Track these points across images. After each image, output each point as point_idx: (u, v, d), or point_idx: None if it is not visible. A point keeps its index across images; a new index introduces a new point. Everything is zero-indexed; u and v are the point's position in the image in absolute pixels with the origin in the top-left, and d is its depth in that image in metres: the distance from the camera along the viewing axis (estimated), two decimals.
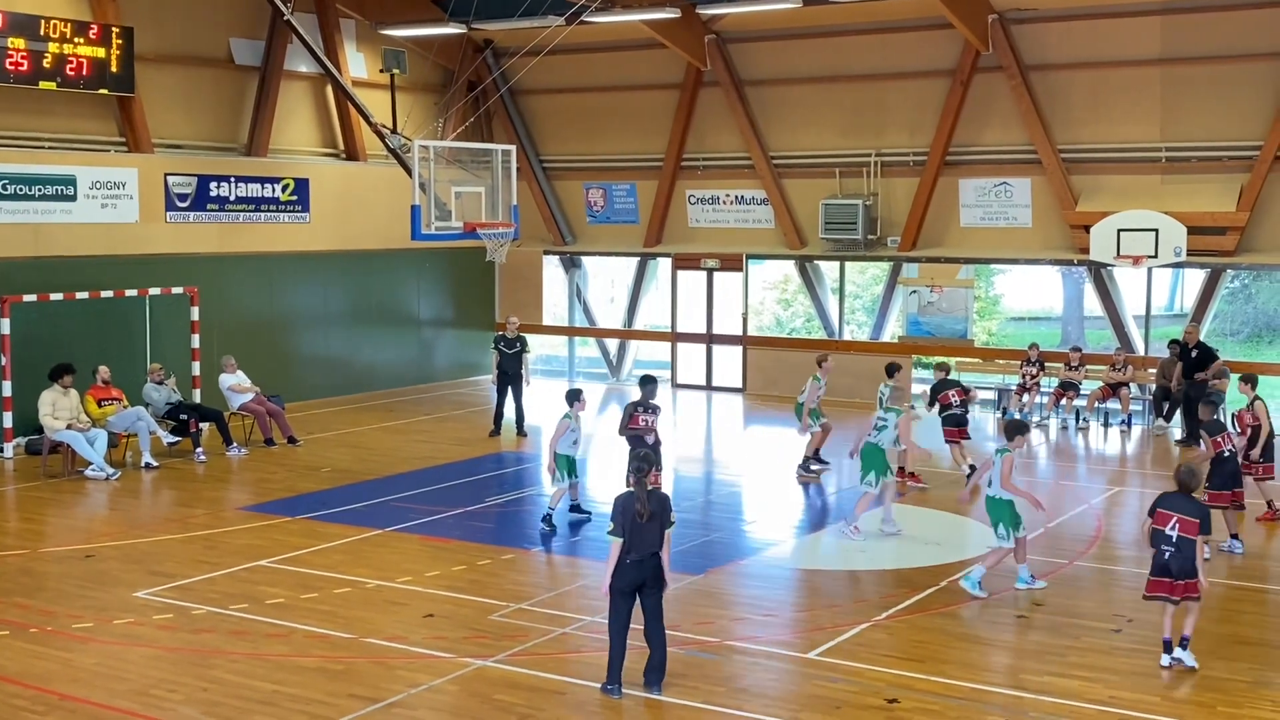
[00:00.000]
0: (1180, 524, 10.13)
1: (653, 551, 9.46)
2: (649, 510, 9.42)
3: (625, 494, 9.62)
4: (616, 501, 9.58)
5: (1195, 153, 21.38)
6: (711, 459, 19.87)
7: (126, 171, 20.77)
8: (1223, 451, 13.63)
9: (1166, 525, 10.21)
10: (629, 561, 9.44)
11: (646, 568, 9.46)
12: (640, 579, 9.47)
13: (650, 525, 9.43)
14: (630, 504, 9.47)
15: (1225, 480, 13.55)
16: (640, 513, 9.40)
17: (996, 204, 23.10)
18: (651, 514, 9.43)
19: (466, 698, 9.53)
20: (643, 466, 9.62)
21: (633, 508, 9.44)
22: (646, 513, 9.41)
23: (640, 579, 9.47)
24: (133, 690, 9.62)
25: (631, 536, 9.41)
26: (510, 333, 20.71)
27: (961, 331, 23.80)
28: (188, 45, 22.20)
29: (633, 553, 9.42)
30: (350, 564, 13.06)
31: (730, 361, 25.90)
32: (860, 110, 23.87)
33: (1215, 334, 24.77)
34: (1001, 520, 12.12)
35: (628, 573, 9.46)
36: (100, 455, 17.27)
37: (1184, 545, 10.10)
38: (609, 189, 26.94)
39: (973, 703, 9.40)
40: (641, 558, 9.43)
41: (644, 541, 9.43)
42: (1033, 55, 22.12)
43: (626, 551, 9.42)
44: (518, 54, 23.52)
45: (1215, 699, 9.51)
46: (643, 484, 9.54)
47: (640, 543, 9.42)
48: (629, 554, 9.42)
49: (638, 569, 9.45)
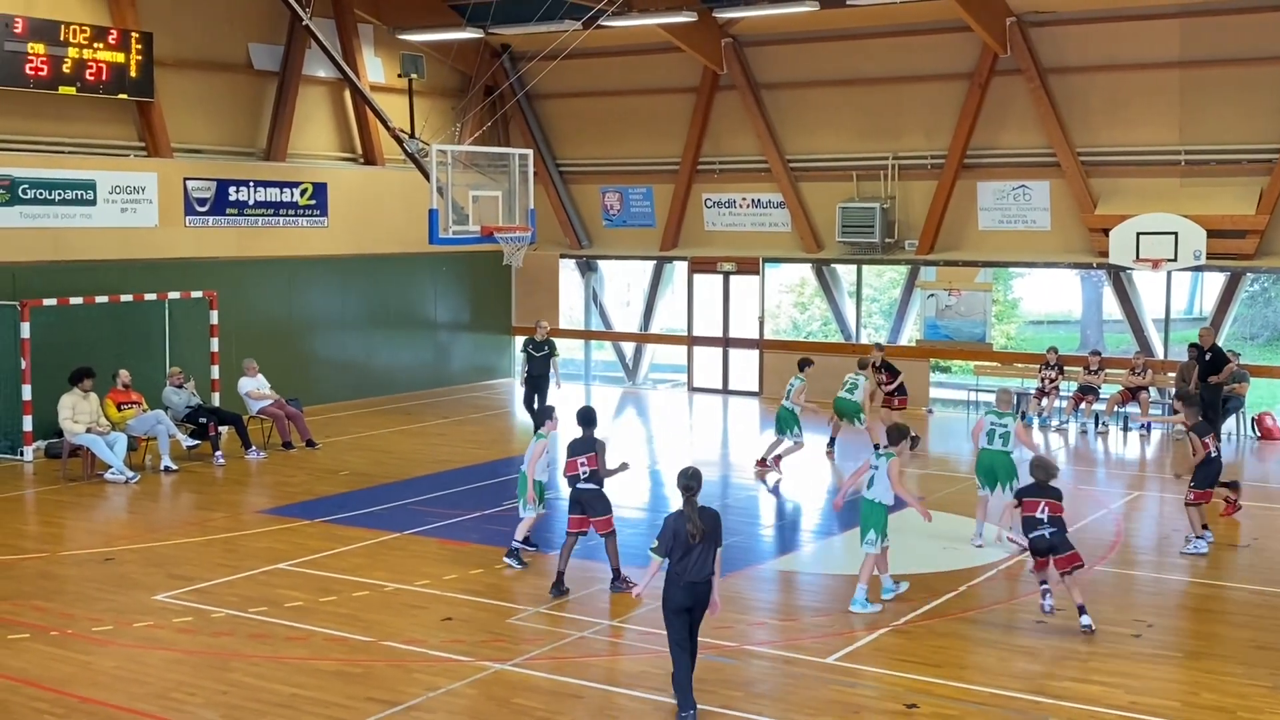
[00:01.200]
0: (1049, 507, 11.07)
1: (708, 574, 9.09)
2: (701, 529, 9.05)
3: (675, 513, 9.22)
4: (666, 521, 9.22)
5: (1214, 156, 21.29)
6: (728, 463, 19.85)
7: (146, 176, 20.86)
8: (1210, 453, 13.81)
9: (1036, 511, 11.11)
10: (682, 584, 9.06)
11: (701, 590, 9.10)
12: (693, 599, 9.11)
13: (704, 545, 9.06)
14: (681, 525, 9.09)
15: (1208, 480, 13.90)
16: (692, 534, 9.03)
17: (1015, 207, 23.04)
18: (704, 533, 9.06)
19: (484, 701, 9.54)
20: (691, 485, 9.24)
21: (684, 529, 9.06)
22: (699, 532, 9.04)
23: (693, 599, 9.11)
24: (152, 693, 9.65)
25: (684, 558, 9.05)
26: (539, 336, 20.95)
27: (980, 335, 23.74)
28: (207, 50, 22.29)
29: (686, 575, 9.04)
30: (369, 567, 13.08)
31: (747, 365, 25.87)
32: (877, 113, 23.83)
33: (1234, 337, 24.65)
34: (874, 526, 11.72)
35: (681, 595, 9.08)
36: (120, 459, 17.33)
37: (1057, 523, 11.07)
38: (625, 192, 26.96)
39: (992, 708, 9.37)
40: (696, 580, 9.06)
41: (698, 563, 9.06)
42: (1051, 58, 22.06)
43: (679, 573, 9.05)
44: (535, 58, 23.57)
45: (1236, 704, 9.47)
46: (693, 503, 9.15)
47: (694, 565, 9.05)
48: (681, 576, 9.05)
49: (691, 591, 9.07)
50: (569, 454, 12.15)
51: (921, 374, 23.90)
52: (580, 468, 12.01)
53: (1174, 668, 10.26)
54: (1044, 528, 11.07)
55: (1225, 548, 14.18)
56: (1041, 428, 21.81)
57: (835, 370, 24.31)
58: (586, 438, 12.08)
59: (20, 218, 19.21)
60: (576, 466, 12.03)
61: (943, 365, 26.39)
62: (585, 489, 12.07)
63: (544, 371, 20.68)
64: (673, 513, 9.26)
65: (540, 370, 20.70)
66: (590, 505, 12.11)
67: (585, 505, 12.12)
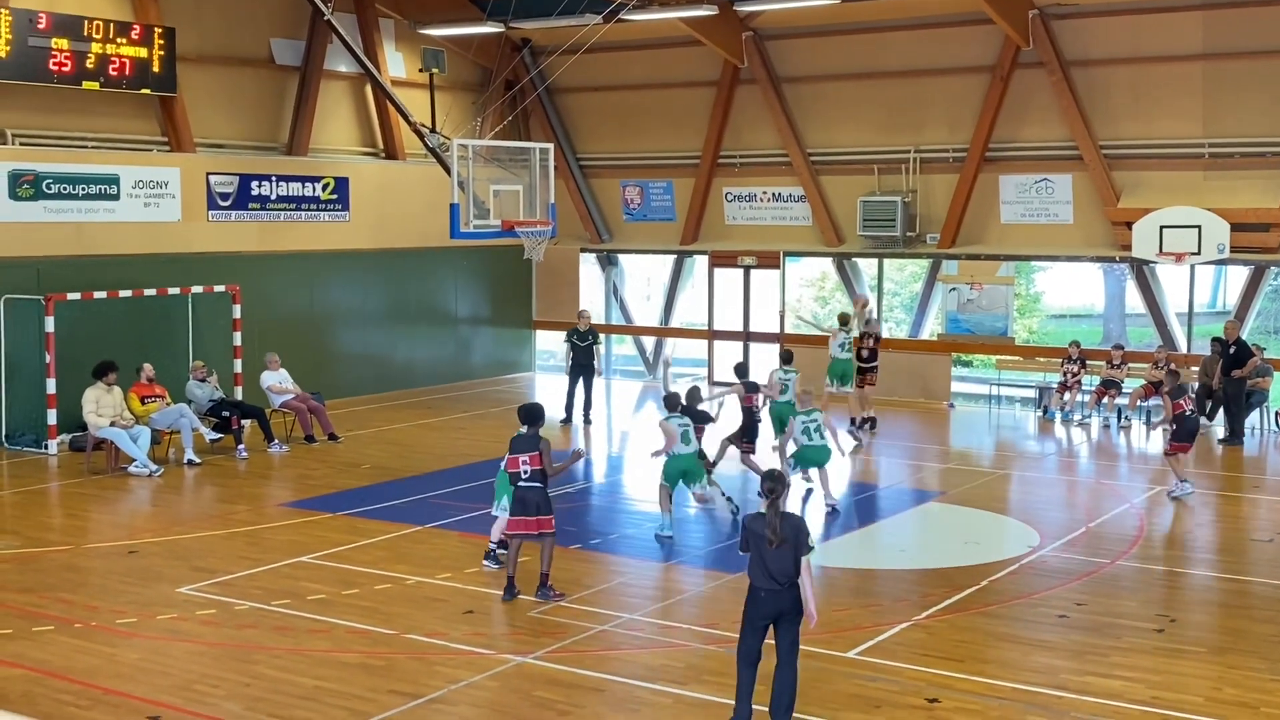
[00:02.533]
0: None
1: (790, 581, 8.61)
2: (780, 537, 8.56)
3: (754, 515, 8.81)
4: (744, 521, 8.88)
5: (1238, 149, 21.15)
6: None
7: (169, 171, 20.95)
8: (1184, 411, 15.89)
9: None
10: (762, 594, 8.63)
11: (784, 598, 8.61)
12: (777, 610, 8.64)
13: (783, 552, 8.59)
14: (759, 528, 8.65)
15: (1184, 435, 15.92)
16: (770, 539, 8.56)
17: (1037, 200, 22.94)
18: (783, 540, 8.58)
19: (506, 694, 9.57)
20: (775, 488, 8.72)
21: (762, 533, 8.62)
22: (777, 539, 8.55)
23: (777, 610, 8.64)
24: (176, 685, 9.71)
25: (763, 564, 8.61)
26: (583, 326, 21.73)
27: (1002, 329, 23.65)
28: (229, 45, 22.37)
29: (766, 583, 8.61)
30: (390, 560, 13.13)
31: (767, 359, 25.78)
32: (899, 107, 23.75)
33: (1259, 331, 24.48)
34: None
35: (762, 605, 8.65)
36: (143, 452, 17.43)
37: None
38: (646, 186, 26.95)
39: (1013, 702, 9.35)
40: (776, 588, 8.59)
41: (777, 570, 8.58)
42: (1073, 50, 21.95)
43: (757, 581, 8.66)
44: (555, 52, 23.57)
45: (1260, 699, 9.42)
46: (775, 507, 8.67)
47: (772, 572, 8.58)
48: (760, 586, 8.64)
49: (774, 600, 8.60)
50: (511, 450, 11.72)
51: (943, 368, 23.84)
52: (522, 465, 11.59)
53: (1197, 663, 10.22)
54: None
55: (1248, 542, 14.13)
56: (1064, 422, 21.74)
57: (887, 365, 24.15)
58: (530, 435, 11.63)
59: (44, 212, 19.32)
60: (518, 464, 11.59)
61: (964, 359, 26.29)
62: (528, 487, 11.64)
63: (589, 361, 21.42)
64: (751, 514, 8.90)
65: (586, 360, 21.47)
66: (536, 505, 11.65)
67: (527, 504, 11.62)
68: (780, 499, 8.71)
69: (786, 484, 8.88)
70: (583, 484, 17.31)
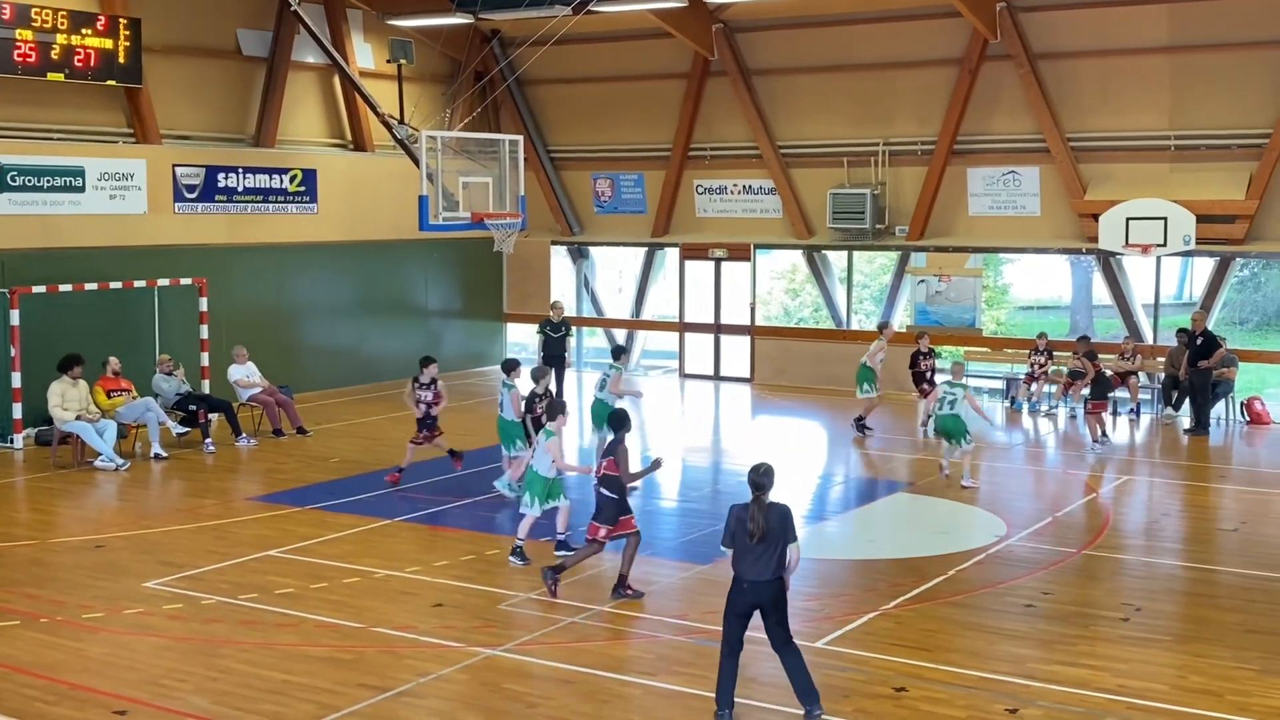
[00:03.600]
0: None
1: (772, 576, 8.60)
2: (762, 529, 8.52)
3: (740, 506, 8.74)
4: (731, 511, 8.78)
5: (1204, 141, 21.31)
6: (719, 449, 19.88)
7: (134, 163, 20.79)
8: (1101, 371, 18.73)
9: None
10: (745, 585, 8.61)
11: (764, 591, 8.59)
12: (757, 603, 8.63)
13: (765, 546, 8.54)
14: (743, 520, 8.62)
15: (1101, 394, 18.52)
16: (752, 532, 8.51)
17: (1005, 193, 23.05)
18: (766, 533, 8.53)
19: (476, 687, 9.56)
20: (762, 483, 8.67)
21: (745, 525, 8.59)
22: (760, 532, 8.51)
23: (757, 603, 8.63)
24: (143, 680, 9.66)
25: (743, 557, 8.59)
26: (555, 317, 21.68)
27: (970, 320, 23.76)
28: (195, 36, 22.21)
29: (746, 574, 8.58)
30: (359, 554, 13.09)
31: (738, 351, 25.88)
32: (868, 99, 23.82)
33: (1224, 322, 24.70)
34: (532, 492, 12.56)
35: (745, 595, 8.62)
36: (110, 446, 17.32)
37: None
38: (616, 179, 26.93)
39: (981, 691, 9.41)
40: (757, 581, 8.58)
41: (759, 564, 8.57)
42: (1041, 43, 22.05)
43: (739, 573, 8.63)
44: (525, 44, 23.44)
45: (1225, 687, 9.51)
46: (760, 502, 8.63)
47: (754, 565, 8.57)
48: (743, 577, 8.60)
49: (755, 592, 8.59)
50: (600, 455, 12.14)
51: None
52: (600, 470, 11.75)
53: (1162, 651, 10.31)
54: None
55: (1214, 531, 14.26)
56: (1031, 413, 21.87)
57: (830, 356, 24.42)
58: (613, 441, 11.70)
59: (8, 205, 19.14)
60: (601, 468, 11.75)
61: (935, 351, 26.34)
62: (597, 492, 11.81)
63: (560, 352, 21.45)
64: (738, 504, 8.84)
65: (557, 351, 21.49)
66: (600, 509, 11.78)
67: (598, 510, 11.81)
68: (766, 494, 8.65)
69: (772, 478, 8.78)
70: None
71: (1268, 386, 25.41)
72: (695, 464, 18.28)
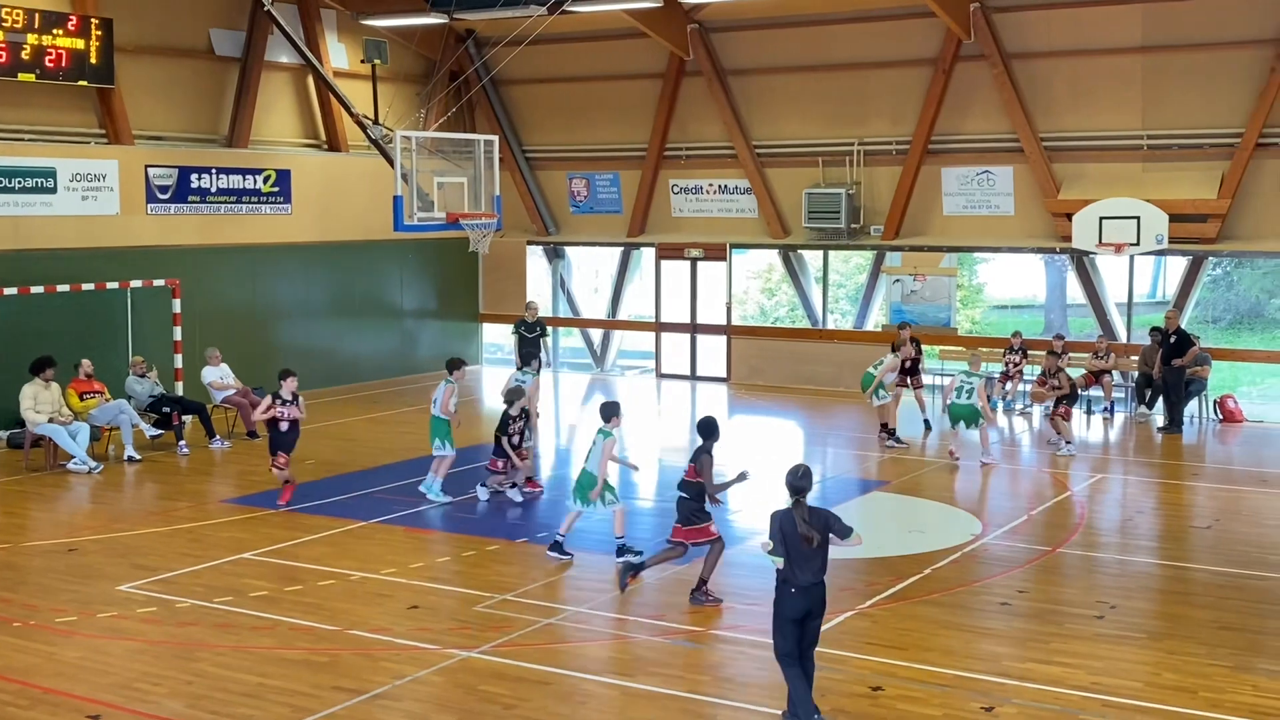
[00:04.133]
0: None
1: (820, 579, 8.53)
2: (815, 535, 8.46)
3: (783, 511, 8.60)
4: (774, 518, 8.63)
5: (1176, 140, 21.44)
6: None
7: (107, 164, 20.67)
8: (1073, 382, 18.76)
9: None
10: (793, 591, 8.51)
11: (814, 595, 8.54)
12: (808, 607, 8.56)
13: (816, 550, 8.49)
14: (790, 526, 8.49)
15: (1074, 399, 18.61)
16: (807, 538, 8.45)
17: (979, 192, 23.14)
18: (818, 538, 8.48)
19: (451, 689, 9.53)
20: (802, 485, 8.56)
21: (793, 531, 8.47)
22: (815, 538, 8.46)
23: (808, 607, 8.56)
24: (117, 684, 9.60)
25: (795, 562, 8.47)
26: (530, 317, 21.45)
27: (945, 320, 23.84)
28: (167, 36, 22.09)
29: (798, 579, 8.48)
30: (335, 556, 13.04)
31: (714, 351, 25.91)
32: (843, 99, 23.87)
33: (1197, 321, 24.88)
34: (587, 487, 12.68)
35: (795, 601, 8.53)
36: (83, 449, 17.21)
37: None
38: (592, 179, 26.91)
39: (956, 690, 9.44)
40: (807, 584, 8.50)
41: (810, 568, 8.49)
42: (1014, 44, 22.15)
43: (790, 578, 8.50)
44: (500, 44, 23.46)
45: (1198, 684, 9.57)
46: (802, 505, 8.53)
47: (806, 570, 8.47)
48: (793, 581, 8.49)
49: (805, 596, 8.51)
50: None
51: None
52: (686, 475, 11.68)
53: (1136, 648, 10.36)
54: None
55: (1187, 529, 14.34)
56: (1006, 411, 21.95)
57: (806, 355, 24.46)
58: (701, 447, 11.65)
59: None
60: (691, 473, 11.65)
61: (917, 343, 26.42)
62: (678, 498, 11.78)
63: (536, 352, 21.09)
64: (779, 510, 8.68)
65: (533, 351, 21.12)
66: (681, 514, 11.74)
67: (678, 513, 11.76)
68: (804, 497, 8.54)
69: (810, 479, 8.65)
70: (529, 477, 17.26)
71: (1240, 385, 25.63)
72: (672, 464, 18.26)
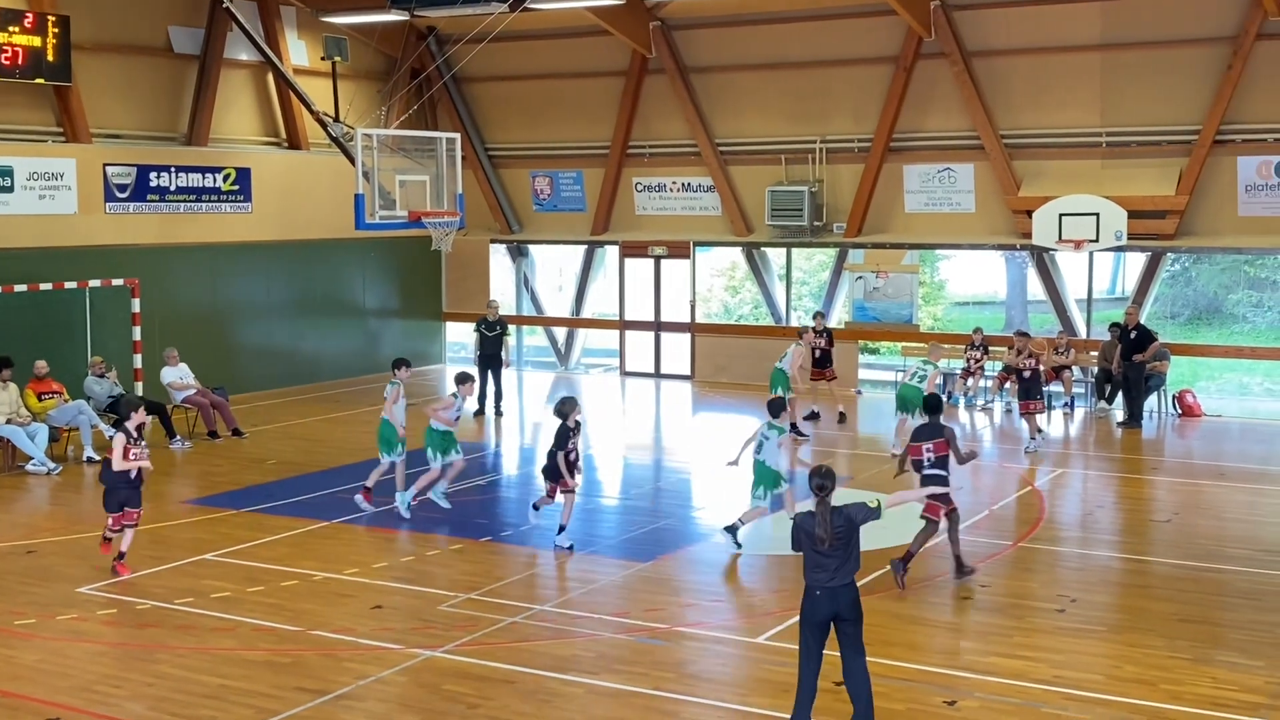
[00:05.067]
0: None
1: (847, 581, 8.30)
2: (831, 535, 8.23)
3: (805, 513, 8.49)
4: (795, 522, 8.53)
5: (1135, 137, 21.62)
6: (660, 446, 19.90)
7: (64, 162, 20.47)
8: (1023, 373, 18.29)
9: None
10: (818, 593, 8.27)
11: (841, 598, 8.27)
12: (834, 610, 8.29)
13: (837, 551, 8.26)
14: (810, 528, 8.31)
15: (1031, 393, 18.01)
16: (821, 538, 8.23)
17: (940, 190, 23.26)
18: (836, 538, 8.24)
19: (415, 688, 9.50)
20: (825, 484, 8.40)
21: (813, 531, 8.29)
22: (829, 539, 8.22)
23: (834, 610, 8.29)
24: (77, 686, 9.51)
25: (816, 563, 8.28)
26: (491, 316, 21.60)
27: (907, 316, 23.96)
28: (125, 34, 21.89)
29: (823, 581, 8.26)
30: (297, 556, 12.96)
31: (678, 349, 25.93)
32: (805, 97, 23.94)
33: (1156, 316, 25.10)
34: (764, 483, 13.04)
35: (818, 605, 8.27)
36: (41, 450, 17.05)
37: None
38: (555, 177, 26.87)
39: (918, 684, 9.48)
40: (832, 587, 8.25)
41: (831, 570, 8.27)
42: (975, 41, 22.27)
43: (814, 581, 8.30)
44: (461, 41, 23.33)
45: (1158, 676, 9.65)
46: (825, 504, 8.35)
47: (826, 572, 8.27)
48: (817, 584, 8.28)
49: (830, 600, 8.26)
50: (912, 439, 12.07)
51: (850, 355, 24.11)
52: (925, 453, 11.81)
53: (1097, 641, 10.44)
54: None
55: (1147, 523, 14.46)
56: (968, 407, 22.09)
57: (770, 352, 24.46)
58: (933, 424, 11.89)
59: None
60: (921, 452, 11.84)
61: (871, 347, 26.62)
62: (932, 475, 11.83)
63: (497, 351, 21.46)
64: (802, 513, 8.62)
65: (494, 350, 21.48)
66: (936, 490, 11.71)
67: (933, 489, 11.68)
68: (829, 495, 8.39)
69: (835, 480, 8.54)
70: (493, 476, 17.25)
71: (1199, 379, 25.87)
72: (636, 461, 18.29)
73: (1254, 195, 20.85)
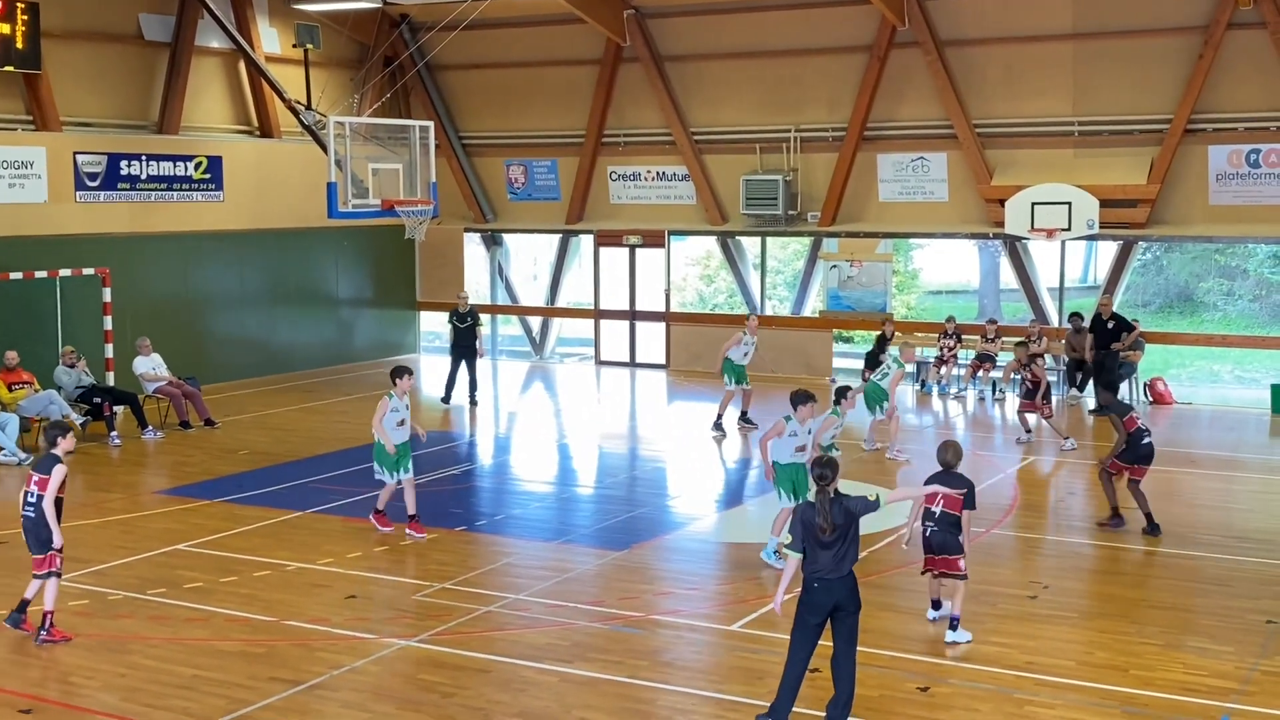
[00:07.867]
0: (945, 500, 10.18)
1: (846, 573, 8.28)
2: (832, 524, 8.20)
3: (805, 504, 8.50)
4: (795, 513, 8.51)
5: (1107, 126, 21.71)
6: (635, 435, 19.90)
7: (34, 150, 20.29)
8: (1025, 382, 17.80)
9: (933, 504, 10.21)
10: (816, 585, 8.24)
11: (838, 589, 8.25)
12: (833, 602, 8.27)
13: (836, 541, 8.23)
14: (810, 518, 8.28)
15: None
16: (822, 528, 8.20)
17: (914, 179, 23.31)
18: (835, 527, 8.21)
19: (389, 678, 9.49)
20: (826, 474, 8.35)
21: (814, 522, 8.26)
22: (830, 528, 8.20)
23: (833, 602, 8.27)
24: (49, 677, 9.47)
25: (816, 554, 8.24)
26: (463, 307, 21.68)
27: (881, 305, 24.02)
28: (96, 21, 21.70)
29: (821, 572, 8.23)
30: (270, 547, 12.92)
31: (653, 338, 25.93)
32: (779, 86, 23.94)
33: (1127, 305, 25.23)
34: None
35: (817, 596, 8.24)
36: (12, 440, 16.92)
37: (944, 522, 10.15)
38: (530, 165, 26.80)
39: (893, 671, 9.53)
40: (830, 580, 8.24)
41: (830, 561, 8.24)
42: (948, 30, 22.31)
43: (813, 571, 8.25)
44: (435, 28, 23.29)
45: (1129, 662, 9.73)
46: (825, 494, 8.33)
47: (825, 562, 8.23)
48: (815, 574, 8.23)
49: (828, 590, 8.24)
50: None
51: (825, 344, 24.17)
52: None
53: (1069, 628, 10.51)
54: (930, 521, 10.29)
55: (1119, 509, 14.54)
56: (941, 395, 22.17)
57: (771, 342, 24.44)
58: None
59: None
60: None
61: (845, 335, 26.68)
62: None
63: (470, 342, 21.45)
64: (802, 503, 8.66)
65: (467, 341, 21.48)
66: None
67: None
68: (830, 485, 8.34)
69: (837, 470, 8.44)
70: (468, 465, 17.23)
71: (1170, 367, 26.07)
72: (612, 450, 18.29)
73: (1225, 184, 20.98)
